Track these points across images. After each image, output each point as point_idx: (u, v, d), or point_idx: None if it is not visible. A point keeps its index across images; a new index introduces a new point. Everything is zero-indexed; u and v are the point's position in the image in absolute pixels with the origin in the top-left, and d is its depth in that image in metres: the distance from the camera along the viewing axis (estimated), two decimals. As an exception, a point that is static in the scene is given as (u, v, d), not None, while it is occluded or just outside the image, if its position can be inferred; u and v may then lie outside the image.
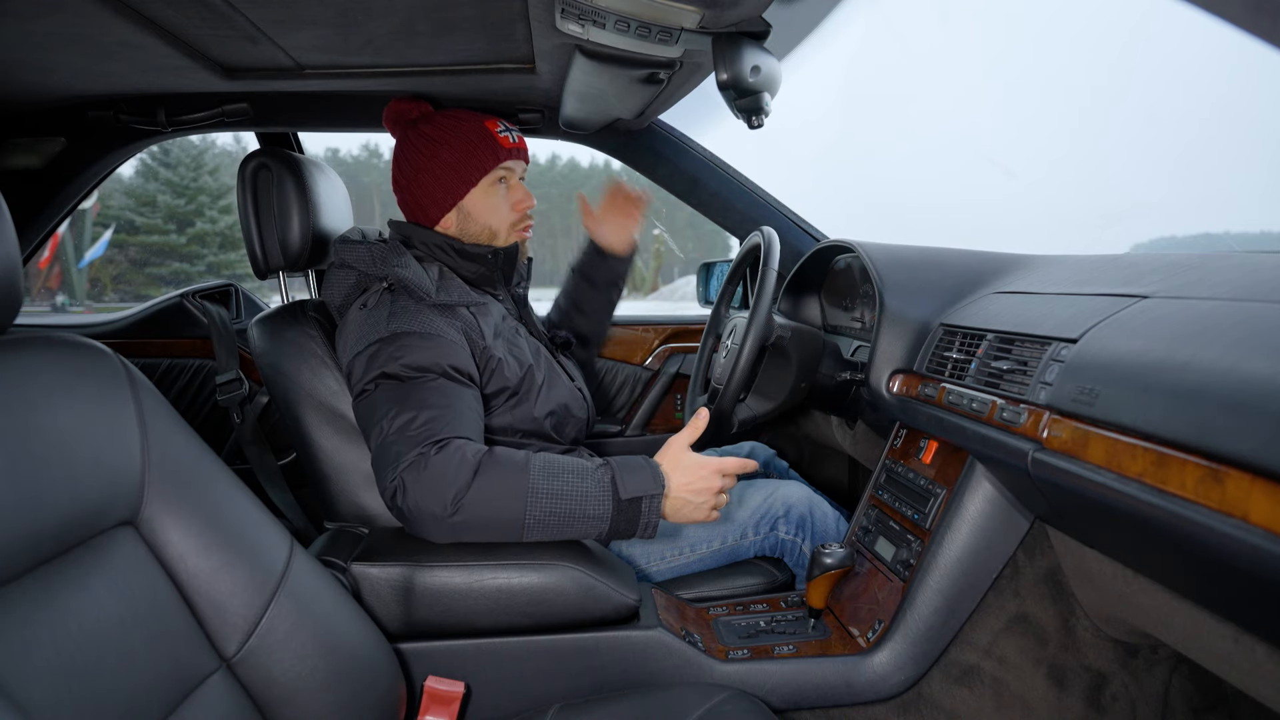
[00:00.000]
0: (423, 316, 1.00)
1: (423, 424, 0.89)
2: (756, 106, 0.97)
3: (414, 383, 0.93)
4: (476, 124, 1.14)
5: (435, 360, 0.95)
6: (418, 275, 1.05)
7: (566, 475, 0.88)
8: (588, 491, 0.87)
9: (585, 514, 0.87)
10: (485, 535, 0.88)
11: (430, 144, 1.14)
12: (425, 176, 1.14)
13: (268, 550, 0.72)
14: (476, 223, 1.15)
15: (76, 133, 1.52)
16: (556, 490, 0.86)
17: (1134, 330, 0.71)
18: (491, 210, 1.15)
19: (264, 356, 1.16)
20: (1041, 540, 0.93)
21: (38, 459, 0.56)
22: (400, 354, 0.95)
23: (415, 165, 1.14)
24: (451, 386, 0.95)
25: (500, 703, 0.90)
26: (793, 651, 0.96)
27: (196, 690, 0.63)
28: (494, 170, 1.13)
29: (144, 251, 19.95)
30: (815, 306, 1.56)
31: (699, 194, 1.66)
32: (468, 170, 1.13)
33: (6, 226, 0.60)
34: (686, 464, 0.91)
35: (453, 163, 1.13)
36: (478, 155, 1.12)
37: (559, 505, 0.86)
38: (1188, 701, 0.94)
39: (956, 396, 0.92)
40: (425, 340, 0.97)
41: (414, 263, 1.07)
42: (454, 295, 1.07)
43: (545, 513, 0.86)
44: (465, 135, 1.13)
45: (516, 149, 1.15)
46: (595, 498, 0.87)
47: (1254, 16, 0.36)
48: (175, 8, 0.99)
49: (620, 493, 0.87)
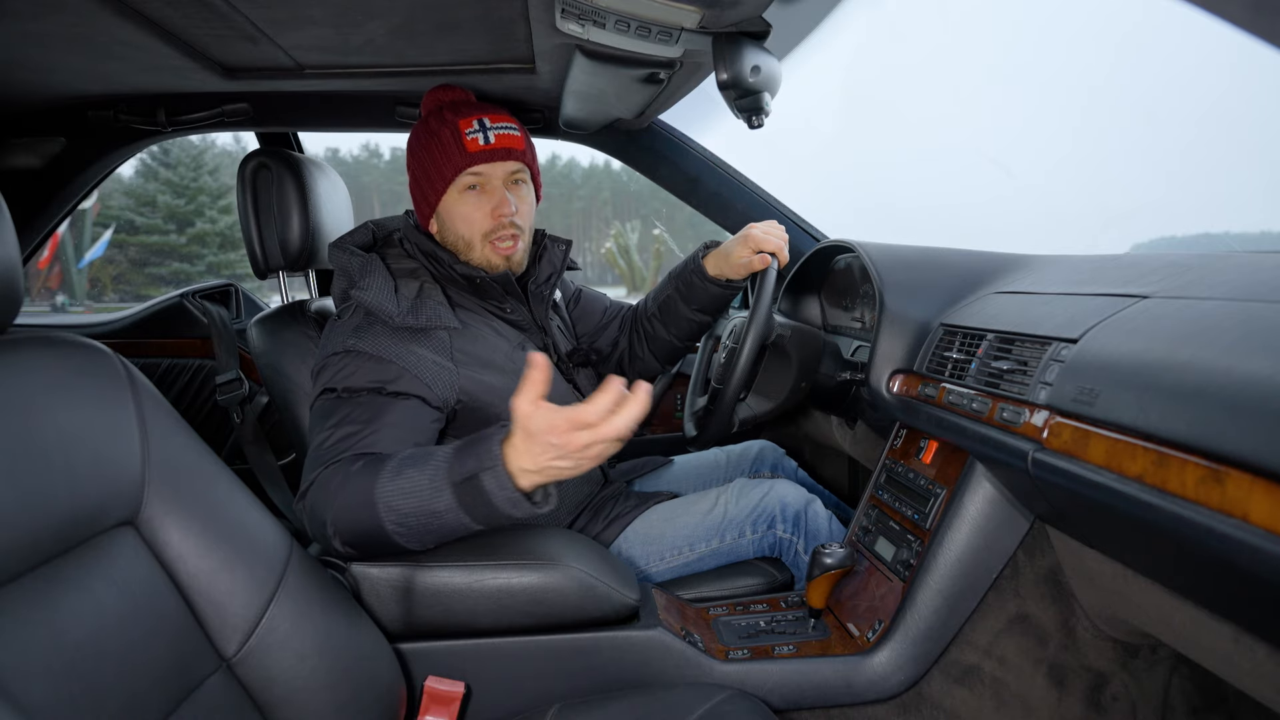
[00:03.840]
0: (382, 339, 0.97)
1: (335, 443, 0.89)
2: (756, 106, 0.97)
3: (346, 400, 0.93)
4: (451, 126, 1.07)
5: (374, 380, 0.94)
6: (379, 298, 1.00)
7: (407, 470, 0.81)
8: (424, 484, 0.80)
9: (432, 508, 0.80)
10: (374, 550, 0.84)
11: (417, 144, 1.10)
12: (412, 175, 1.12)
13: (268, 550, 0.72)
14: (451, 231, 1.09)
15: (76, 133, 1.52)
16: (400, 490, 0.80)
17: (1134, 330, 0.71)
18: (463, 219, 1.08)
19: (264, 356, 1.16)
20: (1041, 540, 0.93)
21: (38, 459, 0.56)
22: (344, 371, 0.95)
23: (408, 165, 1.13)
24: (383, 403, 0.93)
25: (500, 703, 0.90)
26: (793, 651, 0.96)
27: (196, 690, 0.63)
28: (460, 176, 1.06)
29: (144, 251, 19.97)
30: (815, 306, 1.56)
31: (699, 194, 1.66)
32: (437, 176, 1.07)
33: (6, 226, 0.60)
34: (535, 429, 0.75)
35: (425, 166, 1.09)
36: (442, 160, 1.06)
37: (406, 504, 0.80)
38: (1188, 701, 0.94)
39: (957, 396, 0.92)
40: (373, 362, 0.95)
41: (381, 282, 1.01)
42: (423, 318, 1.01)
43: (399, 515, 0.81)
44: (439, 137, 1.07)
45: (488, 151, 1.06)
46: (433, 488, 0.80)
47: (1254, 16, 0.36)
48: (175, 8, 0.99)
49: (453, 475, 0.79)
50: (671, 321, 1.31)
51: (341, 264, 1.07)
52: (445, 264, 1.08)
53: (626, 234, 18.94)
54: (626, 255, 18.08)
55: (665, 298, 1.30)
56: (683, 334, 1.32)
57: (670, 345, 1.33)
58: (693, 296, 1.26)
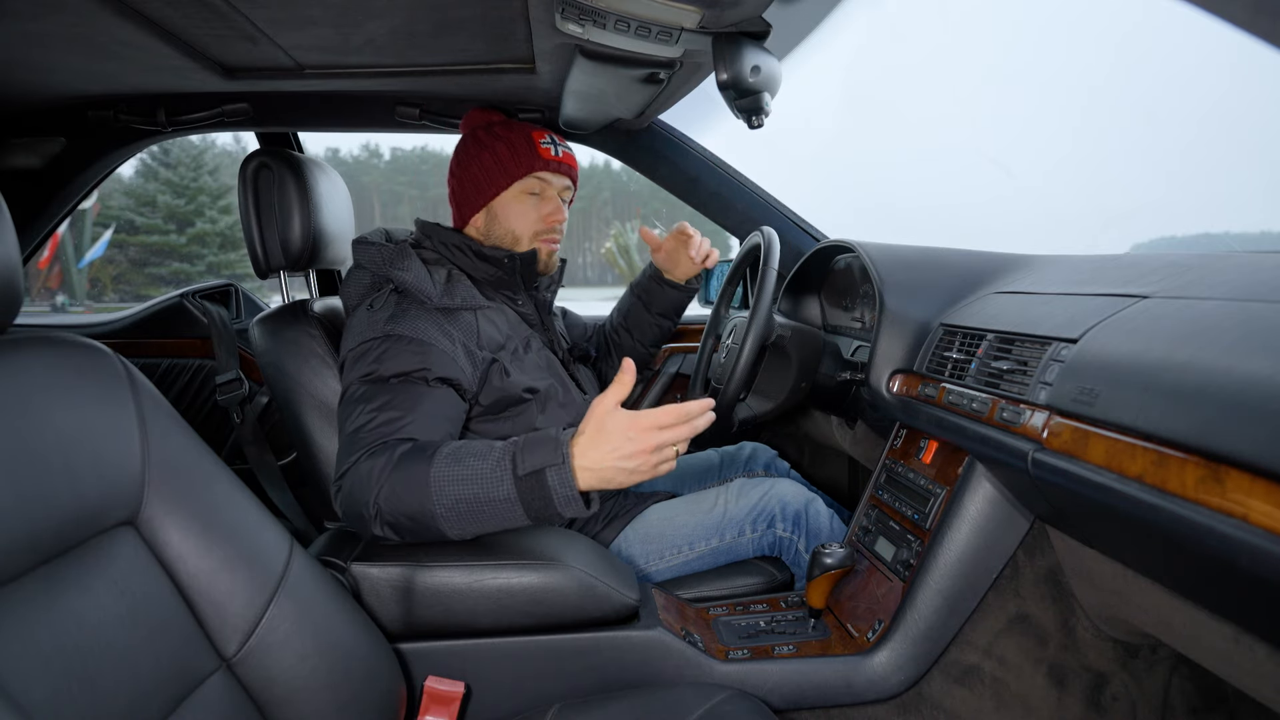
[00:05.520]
0: (420, 322, 1.01)
1: (375, 427, 0.90)
2: (756, 106, 0.97)
3: (386, 385, 0.94)
4: (523, 132, 1.17)
5: (417, 365, 0.96)
6: (419, 278, 1.06)
7: (469, 459, 0.83)
8: (486, 473, 0.82)
9: (490, 496, 0.82)
10: (413, 532, 0.86)
11: (477, 145, 1.18)
12: (466, 175, 1.18)
13: (268, 550, 0.72)
14: (501, 225, 1.17)
15: (76, 133, 1.52)
16: (459, 476, 0.82)
17: (1134, 330, 0.71)
18: (519, 216, 1.16)
19: (265, 356, 1.16)
20: (1041, 540, 0.93)
21: (37, 459, 0.56)
22: (385, 356, 0.96)
23: (462, 164, 1.19)
24: (423, 391, 0.95)
25: (500, 703, 0.90)
26: (793, 651, 0.96)
27: (196, 690, 0.63)
28: (527, 178, 1.15)
29: (144, 251, 19.96)
30: (815, 306, 1.56)
31: (699, 194, 1.66)
32: (502, 173, 1.15)
33: (6, 226, 0.60)
34: (611, 427, 0.79)
35: (490, 164, 1.16)
36: (514, 160, 1.15)
37: (463, 491, 0.82)
38: (1188, 701, 0.94)
39: (956, 396, 0.92)
40: (413, 346, 0.98)
41: (418, 265, 1.07)
42: (457, 299, 1.07)
43: (452, 500, 0.82)
44: (509, 140, 1.16)
45: (556, 163, 1.17)
46: (495, 478, 0.82)
47: (1254, 16, 0.36)
48: (175, 8, 0.99)
49: (518, 469, 0.81)
50: (636, 329, 1.46)
51: (370, 256, 1.11)
52: (470, 254, 1.14)
53: (626, 234, 18.93)
54: (626, 255, 18.08)
55: (629, 307, 1.46)
56: (648, 339, 1.47)
57: (636, 352, 1.47)
58: (653, 302, 1.43)
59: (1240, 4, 0.36)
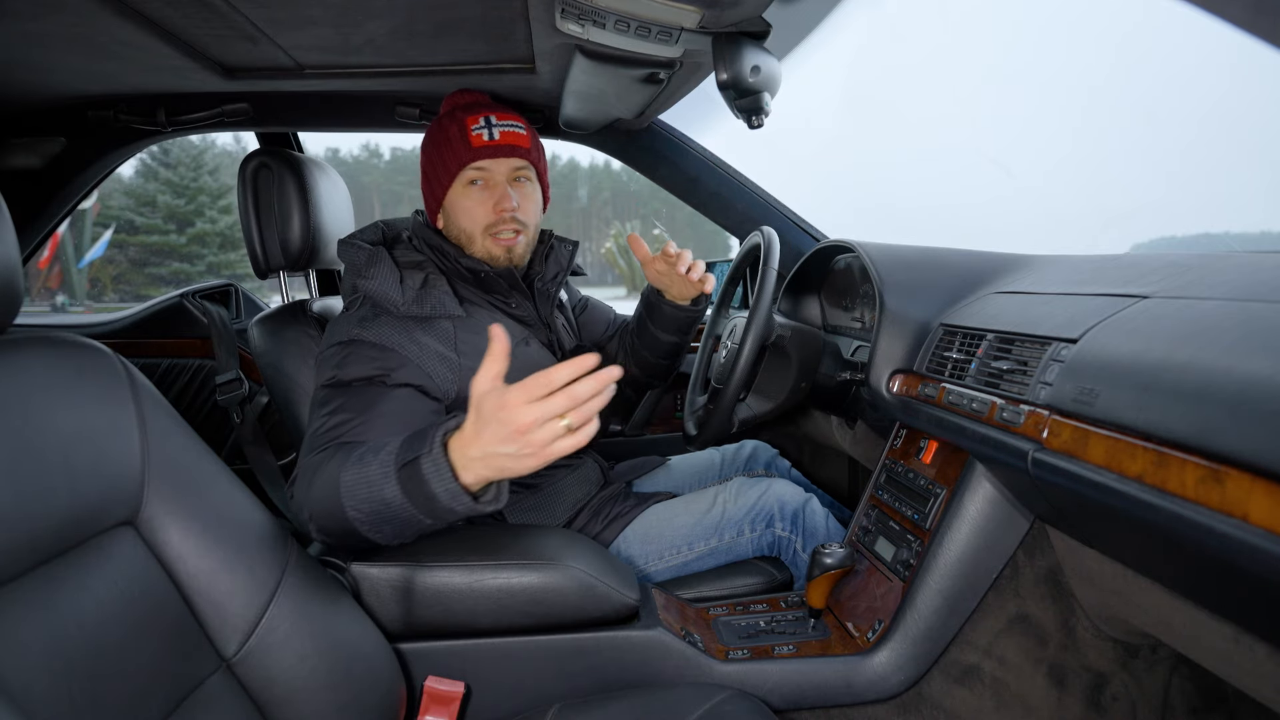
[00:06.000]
0: (387, 328, 0.99)
1: (326, 430, 0.89)
2: (756, 106, 0.97)
3: (347, 389, 0.94)
4: (459, 122, 1.09)
5: (377, 370, 0.95)
6: (383, 287, 1.02)
7: (368, 458, 0.79)
8: (377, 471, 0.77)
9: (383, 496, 0.76)
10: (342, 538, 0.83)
11: (428, 141, 1.14)
12: (422, 175, 1.15)
13: (267, 550, 0.72)
14: (455, 225, 1.12)
15: (76, 133, 1.52)
16: (362, 478, 0.78)
17: (1134, 330, 0.71)
18: (465, 213, 1.09)
19: (264, 356, 1.16)
20: (1041, 540, 0.93)
21: (37, 459, 0.57)
22: (347, 361, 0.96)
23: (421, 163, 1.16)
24: (380, 392, 0.93)
25: (500, 703, 0.90)
26: (793, 651, 0.96)
27: (196, 690, 0.63)
28: (464, 171, 1.08)
29: (144, 251, 19.95)
30: (815, 306, 1.56)
31: (699, 194, 1.66)
32: (443, 170, 1.10)
33: (6, 226, 0.60)
34: (486, 411, 0.70)
35: (434, 161, 1.11)
36: (450, 154, 1.09)
37: (365, 492, 0.78)
38: (1188, 702, 0.94)
39: (956, 396, 0.92)
40: (374, 351, 0.96)
41: (386, 272, 1.03)
42: (428, 307, 1.03)
43: (360, 501, 0.78)
44: (447, 134, 1.10)
45: (491, 147, 1.08)
46: (382, 475, 0.76)
47: (1254, 16, 0.36)
48: (175, 8, 0.99)
49: (399, 462, 0.76)
50: (644, 338, 1.34)
51: (349, 258, 1.09)
52: (451, 257, 1.10)
53: (626, 234, 18.96)
54: (626, 255, 18.08)
55: (639, 317, 1.34)
56: (659, 352, 1.33)
57: (648, 362, 1.35)
58: (655, 318, 1.30)
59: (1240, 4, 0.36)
